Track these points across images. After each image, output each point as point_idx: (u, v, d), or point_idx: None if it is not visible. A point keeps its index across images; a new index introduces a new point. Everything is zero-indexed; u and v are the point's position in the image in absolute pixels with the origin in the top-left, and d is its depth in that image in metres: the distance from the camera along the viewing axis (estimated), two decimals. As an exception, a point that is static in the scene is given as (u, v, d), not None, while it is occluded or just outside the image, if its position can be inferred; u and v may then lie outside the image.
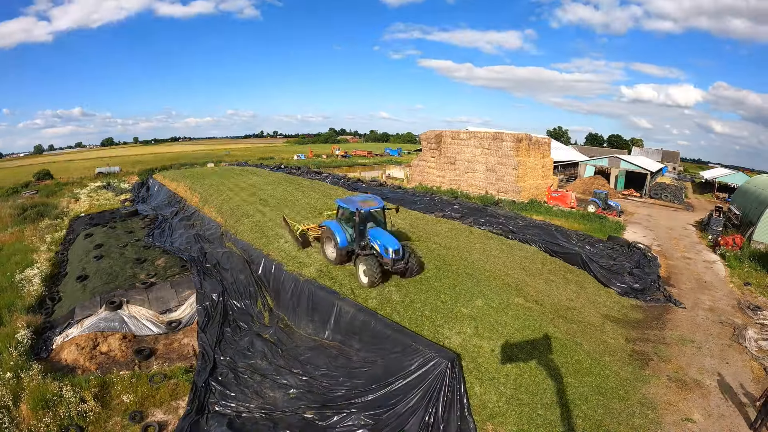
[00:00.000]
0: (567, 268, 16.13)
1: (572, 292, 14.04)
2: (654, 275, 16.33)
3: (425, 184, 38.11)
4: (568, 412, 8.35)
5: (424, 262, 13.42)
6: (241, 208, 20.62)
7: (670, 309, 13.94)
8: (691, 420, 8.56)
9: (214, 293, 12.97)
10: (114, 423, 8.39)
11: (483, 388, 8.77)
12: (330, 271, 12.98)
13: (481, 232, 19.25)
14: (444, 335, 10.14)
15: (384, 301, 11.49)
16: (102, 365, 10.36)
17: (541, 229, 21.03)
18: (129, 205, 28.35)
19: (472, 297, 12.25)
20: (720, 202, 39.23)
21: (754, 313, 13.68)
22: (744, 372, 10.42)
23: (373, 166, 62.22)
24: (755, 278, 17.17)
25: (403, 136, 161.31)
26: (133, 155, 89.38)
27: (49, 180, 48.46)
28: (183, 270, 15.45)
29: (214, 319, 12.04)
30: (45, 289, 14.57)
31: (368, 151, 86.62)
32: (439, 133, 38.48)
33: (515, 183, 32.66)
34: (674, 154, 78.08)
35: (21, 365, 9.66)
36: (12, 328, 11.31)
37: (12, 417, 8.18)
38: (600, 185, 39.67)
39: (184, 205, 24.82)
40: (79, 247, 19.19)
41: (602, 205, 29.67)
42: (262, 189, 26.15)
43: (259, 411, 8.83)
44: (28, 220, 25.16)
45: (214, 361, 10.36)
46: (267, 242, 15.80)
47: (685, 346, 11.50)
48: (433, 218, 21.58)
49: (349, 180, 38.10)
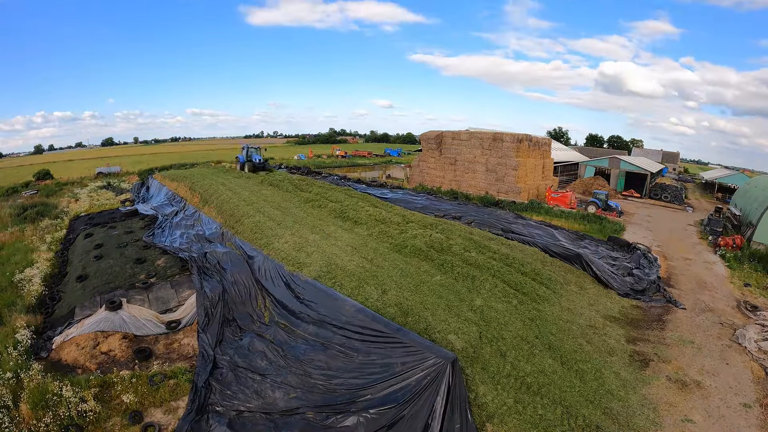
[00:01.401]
0: (567, 268, 16.13)
1: (573, 292, 14.04)
2: (654, 276, 16.33)
3: (425, 184, 38.12)
4: (568, 413, 8.36)
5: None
6: (241, 208, 20.63)
7: (671, 310, 13.95)
8: (691, 421, 8.56)
9: (214, 293, 12.96)
10: (114, 423, 8.38)
11: (484, 389, 8.77)
12: (330, 271, 13.00)
13: (481, 232, 19.26)
14: (444, 336, 10.15)
15: (384, 301, 11.51)
16: (102, 365, 10.34)
17: (541, 229, 21.06)
18: (129, 205, 28.33)
19: (473, 298, 12.27)
20: (720, 202, 39.26)
21: (754, 314, 13.68)
22: (744, 373, 10.42)
23: (373, 167, 62.21)
24: (755, 279, 17.18)
25: (403, 136, 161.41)
26: (133, 155, 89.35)
27: (49, 180, 48.35)
28: (183, 270, 15.45)
29: (214, 319, 12.03)
30: (45, 289, 14.54)
31: (368, 152, 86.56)
32: (439, 134, 38.51)
33: (515, 183, 32.68)
34: (674, 155, 78.14)
35: (21, 365, 9.65)
36: (12, 328, 11.30)
37: (12, 417, 8.16)
38: (600, 186, 39.67)
39: (184, 205, 24.82)
40: (79, 246, 19.18)
41: (602, 206, 29.69)
42: (263, 189, 26.18)
43: (259, 411, 8.83)
44: (28, 220, 25.12)
45: (214, 361, 10.36)
46: (267, 242, 15.81)
47: (685, 347, 11.50)
48: (432, 218, 21.60)
49: (348, 180, 38.13)
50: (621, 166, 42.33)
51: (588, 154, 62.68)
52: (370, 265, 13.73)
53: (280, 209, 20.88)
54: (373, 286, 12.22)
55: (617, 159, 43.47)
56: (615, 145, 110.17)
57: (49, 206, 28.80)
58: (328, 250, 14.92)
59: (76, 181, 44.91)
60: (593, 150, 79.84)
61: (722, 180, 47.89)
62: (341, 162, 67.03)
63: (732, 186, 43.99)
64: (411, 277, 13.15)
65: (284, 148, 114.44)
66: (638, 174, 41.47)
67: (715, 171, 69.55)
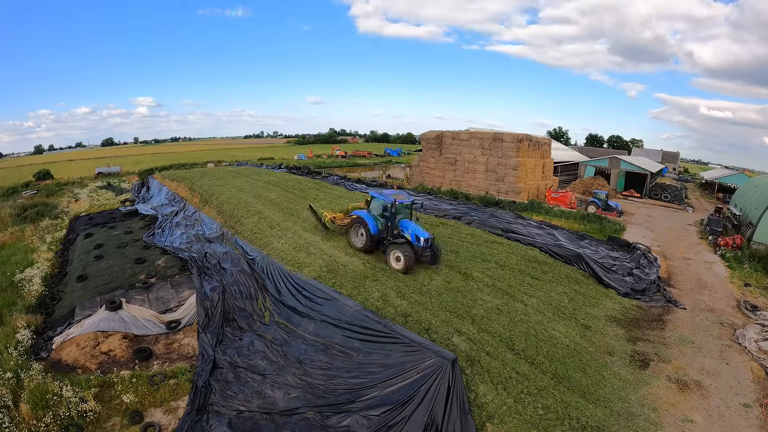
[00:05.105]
0: (567, 268, 16.12)
1: (573, 292, 14.04)
2: (654, 276, 16.32)
3: (426, 184, 38.12)
4: (568, 413, 8.35)
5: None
6: (241, 208, 20.64)
7: (671, 309, 13.94)
8: (691, 421, 8.55)
9: (214, 293, 12.97)
10: (114, 423, 8.38)
11: (484, 389, 8.77)
12: (330, 271, 13.00)
13: (482, 233, 19.26)
14: (445, 336, 10.15)
15: (385, 301, 11.51)
16: (102, 365, 10.34)
17: (541, 229, 21.05)
18: (129, 205, 28.36)
19: (474, 298, 12.26)
20: (720, 202, 39.24)
21: (754, 314, 13.68)
22: (744, 373, 10.41)
23: (373, 167, 62.23)
24: (755, 279, 17.17)
25: (403, 136, 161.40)
26: (133, 155, 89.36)
27: (49, 180, 48.40)
28: (183, 270, 15.45)
29: (214, 319, 12.03)
30: (45, 289, 14.55)
31: (368, 152, 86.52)
32: (439, 134, 38.51)
33: (515, 183, 32.69)
34: (674, 155, 78.04)
35: (21, 365, 9.65)
36: (12, 328, 11.31)
37: (12, 417, 8.16)
38: (600, 186, 39.65)
39: (184, 205, 24.83)
40: (79, 247, 19.19)
41: (602, 206, 29.69)
42: (263, 189, 26.21)
43: (259, 411, 8.83)
44: (28, 220, 25.14)
45: (214, 360, 10.36)
46: (267, 242, 15.81)
47: (685, 347, 11.49)
48: (433, 218, 21.59)
49: (349, 180, 38.13)
50: (621, 166, 42.33)
51: (588, 154, 62.65)
52: (371, 265, 13.74)
53: (281, 209, 20.89)
54: (374, 286, 12.23)
55: (617, 159, 43.47)
56: (615, 145, 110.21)
57: (49, 206, 28.80)
58: (328, 250, 14.92)
59: (76, 181, 44.95)
60: (593, 150, 79.80)
61: (722, 180, 47.90)
62: (341, 162, 67.04)
63: (732, 186, 43.98)
64: (412, 277, 13.14)
65: (284, 148, 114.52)
66: (638, 174, 41.46)
67: (715, 171, 69.55)
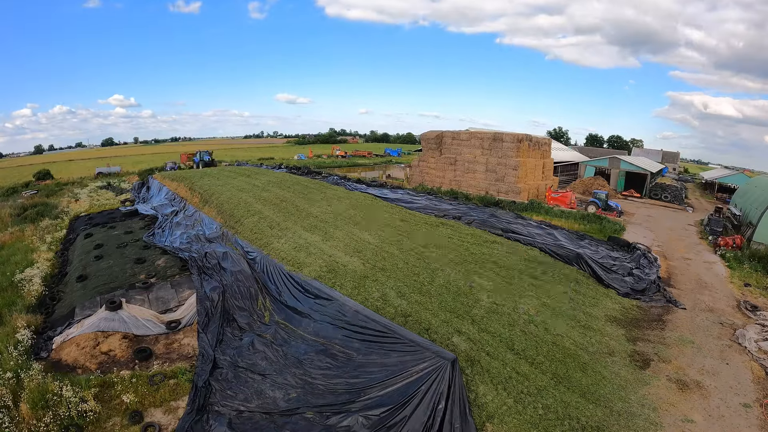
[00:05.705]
0: (567, 268, 16.13)
1: (573, 292, 14.04)
2: (654, 276, 16.32)
3: (426, 184, 38.13)
4: (568, 413, 8.35)
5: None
6: (241, 208, 20.64)
7: (671, 309, 13.94)
8: (691, 421, 8.55)
9: (214, 293, 12.96)
10: (114, 423, 8.38)
11: (483, 389, 8.77)
12: (330, 271, 13.00)
13: (482, 233, 19.27)
14: (445, 336, 10.15)
15: (385, 301, 11.51)
16: (102, 365, 10.34)
17: (541, 229, 21.05)
18: (129, 205, 28.35)
19: (474, 298, 12.27)
20: (720, 202, 39.24)
21: (754, 314, 13.68)
22: (744, 373, 10.41)
23: (373, 167, 62.21)
24: (755, 279, 17.18)
25: (403, 136, 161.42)
26: (133, 155, 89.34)
27: (49, 180, 48.36)
28: (183, 270, 15.45)
29: (214, 319, 12.02)
30: (45, 289, 14.54)
31: (368, 152, 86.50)
32: (439, 134, 38.52)
33: (515, 183, 32.69)
34: (674, 155, 78.03)
35: (21, 365, 9.64)
36: (12, 328, 11.30)
37: (12, 417, 8.15)
38: (600, 186, 39.65)
39: (184, 205, 24.82)
40: (79, 247, 19.18)
41: (602, 206, 29.69)
42: (263, 189, 26.20)
43: (259, 411, 8.83)
44: (28, 220, 25.12)
45: (214, 360, 10.35)
46: (267, 242, 15.81)
47: (685, 347, 11.50)
48: (433, 218, 21.59)
49: (349, 180, 38.12)
50: (621, 166, 42.33)
51: (588, 154, 62.65)
52: (371, 265, 13.74)
53: (281, 209, 20.88)
54: (374, 286, 12.23)
55: (617, 159, 43.48)
56: (615, 145, 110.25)
57: (49, 206, 28.78)
58: (328, 250, 14.92)
59: (76, 181, 44.90)
60: (593, 150, 79.81)
61: (722, 180, 47.88)
62: (341, 162, 67.05)
63: (732, 186, 43.99)
64: (412, 277, 13.14)
65: (284, 148, 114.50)
66: (638, 174, 41.47)
67: (715, 171, 69.54)
